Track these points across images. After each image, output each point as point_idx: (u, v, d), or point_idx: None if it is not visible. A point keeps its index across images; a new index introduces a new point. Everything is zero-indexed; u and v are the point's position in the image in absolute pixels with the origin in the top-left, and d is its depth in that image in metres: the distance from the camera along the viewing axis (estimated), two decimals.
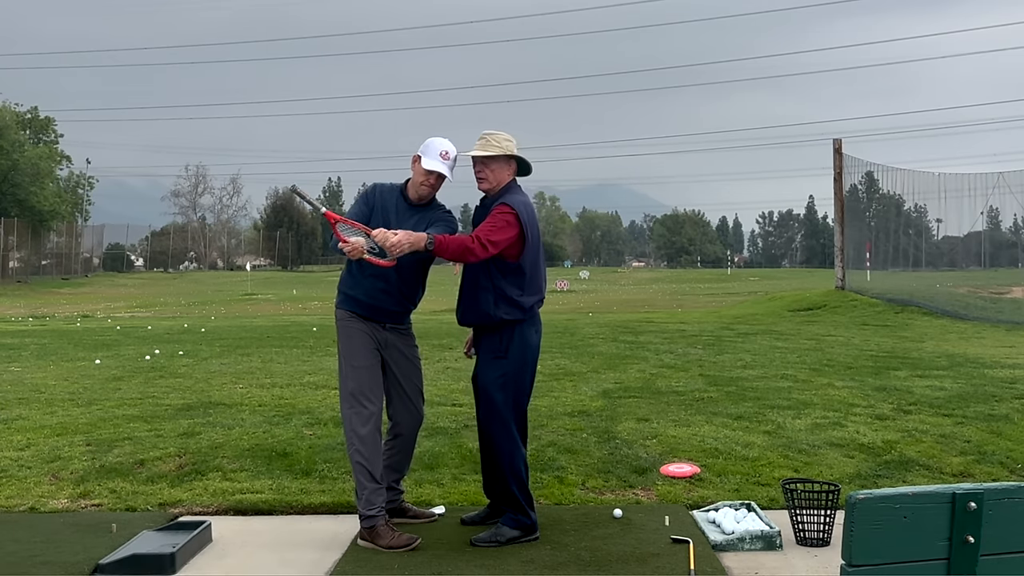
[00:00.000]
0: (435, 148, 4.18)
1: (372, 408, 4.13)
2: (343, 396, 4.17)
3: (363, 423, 4.09)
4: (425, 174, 4.17)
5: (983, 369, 8.85)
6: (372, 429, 4.11)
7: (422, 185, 4.20)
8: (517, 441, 4.14)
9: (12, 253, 46.19)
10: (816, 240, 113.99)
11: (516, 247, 4.07)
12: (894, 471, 5.14)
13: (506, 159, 4.17)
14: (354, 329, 4.21)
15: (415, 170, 4.22)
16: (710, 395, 7.39)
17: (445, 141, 4.21)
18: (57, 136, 54.50)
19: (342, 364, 4.21)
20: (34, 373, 9.37)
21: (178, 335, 14.10)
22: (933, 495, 1.97)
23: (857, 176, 20.12)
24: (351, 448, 4.12)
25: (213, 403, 7.26)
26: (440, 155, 4.15)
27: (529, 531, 4.13)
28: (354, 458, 4.10)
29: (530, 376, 4.22)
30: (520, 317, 4.11)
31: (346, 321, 4.23)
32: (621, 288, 42.25)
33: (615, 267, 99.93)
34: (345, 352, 4.19)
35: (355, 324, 4.21)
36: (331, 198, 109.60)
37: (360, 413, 4.10)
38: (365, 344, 4.19)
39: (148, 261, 74.17)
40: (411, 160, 4.25)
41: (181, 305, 27.72)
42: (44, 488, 5.01)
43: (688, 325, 14.67)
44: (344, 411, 4.16)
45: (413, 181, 4.25)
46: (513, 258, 4.08)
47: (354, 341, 4.20)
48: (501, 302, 4.08)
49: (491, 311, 4.09)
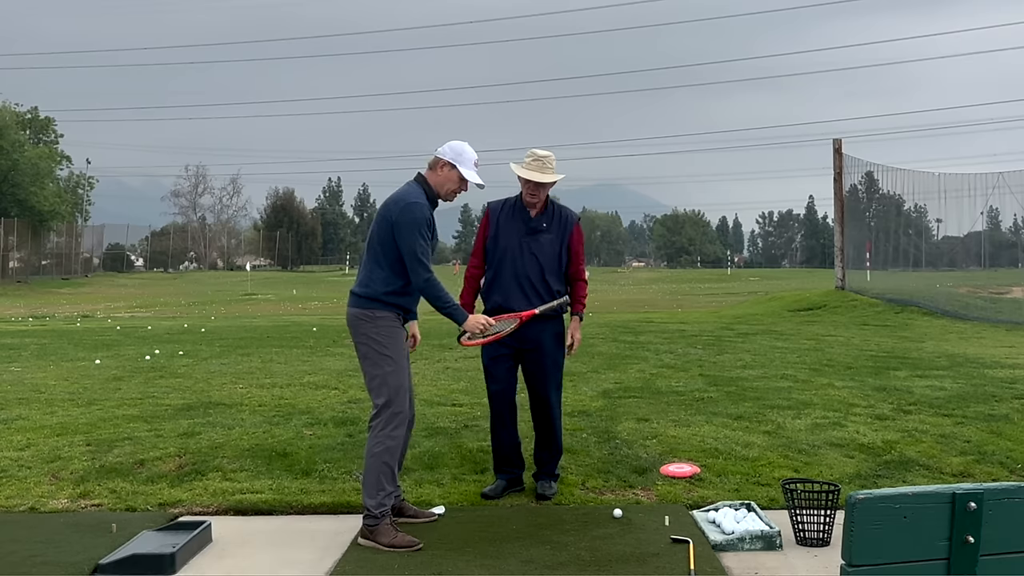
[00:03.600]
0: (470, 157, 4.30)
1: (408, 411, 4.21)
2: (387, 394, 4.12)
3: (399, 424, 4.13)
4: (460, 182, 4.27)
5: (983, 369, 8.85)
6: (404, 432, 4.18)
7: (451, 192, 4.32)
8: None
9: (12, 253, 46.14)
10: (816, 240, 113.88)
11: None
12: (894, 471, 5.14)
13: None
14: (399, 330, 4.26)
15: (448, 176, 4.27)
16: (710, 395, 7.39)
17: (472, 150, 4.33)
18: (57, 136, 54.48)
19: (384, 363, 4.14)
20: (34, 373, 9.37)
21: (178, 335, 14.09)
22: (933, 495, 1.97)
23: (857, 176, 20.13)
24: (380, 447, 4.09)
25: (213, 403, 7.26)
26: (475, 164, 4.32)
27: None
28: (382, 457, 4.08)
29: None
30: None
31: (392, 320, 4.22)
32: (621, 288, 42.23)
33: (615, 267, 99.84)
34: (391, 351, 4.16)
35: (399, 325, 4.26)
36: (331, 198, 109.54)
37: (398, 414, 4.13)
38: (405, 347, 4.30)
39: (148, 261, 74.11)
40: (438, 164, 4.27)
41: (181, 305, 27.71)
42: (44, 488, 5.01)
43: (688, 325, 14.67)
44: (384, 410, 4.12)
45: (443, 186, 4.29)
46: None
47: (399, 341, 4.24)
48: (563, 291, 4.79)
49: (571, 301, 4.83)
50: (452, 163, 4.24)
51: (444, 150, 4.29)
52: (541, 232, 4.72)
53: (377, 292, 4.19)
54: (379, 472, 4.08)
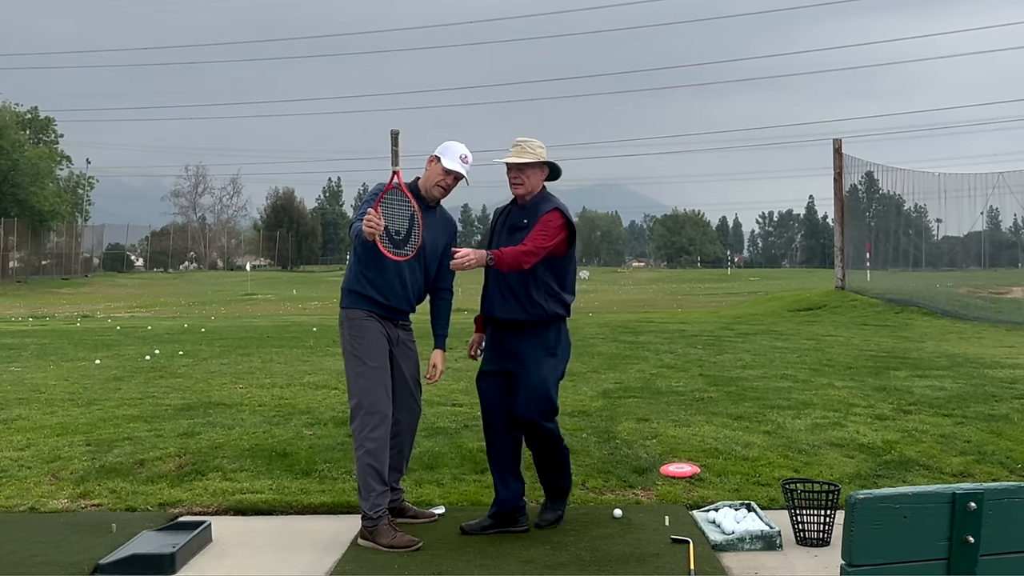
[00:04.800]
0: (455, 151, 4.25)
1: (385, 409, 4.13)
2: (356, 396, 4.12)
3: (376, 425, 4.08)
4: (444, 174, 4.22)
5: (983, 369, 8.85)
6: (384, 431, 4.11)
7: (437, 186, 4.26)
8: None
9: (12, 253, 46.12)
10: (816, 240, 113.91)
11: (562, 247, 4.24)
12: (894, 471, 5.14)
13: (540, 166, 4.24)
14: (369, 328, 4.17)
15: (432, 170, 4.26)
16: (710, 395, 7.39)
17: (463, 146, 4.28)
18: (57, 136, 54.50)
19: (353, 364, 4.15)
20: (34, 373, 9.37)
21: (178, 335, 14.09)
22: (933, 495, 1.97)
23: (857, 176, 20.15)
24: (361, 449, 4.08)
25: (213, 403, 7.26)
26: (460, 158, 4.23)
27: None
28: (364, 460, 4.07)
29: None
30: (564, 314, 4.27)
31: (362, 320, 4.18)
32: (621, 288, 42.24)
33: (615, 267, 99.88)
34: (359, 351, 4.14)
35: (371, 323, 4.18)
36: (331, 198, 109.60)
37: (373, 414, 4.08)
38: (380, 344, 4.18)
39: (148, 261, 74.11)
40: (427, 160, 4.28)
41: (181, 305, 27.71)
42: (44, 488, 5.01)
43: (688, 325, 14.66)
44: (356, 412, 4.12)
45: (428, 181, 4.27)
46: (560, 255, 4.23)
47: (369, 340, 4.16)
48: (550, 298, 4.21)
49: (545, 306, 4.19)
50: (437, 156, 4.25)
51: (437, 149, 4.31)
52: (520, 230, 4.22)
53: (348, 282, 4.25)
54: (366, 475, 4.07)
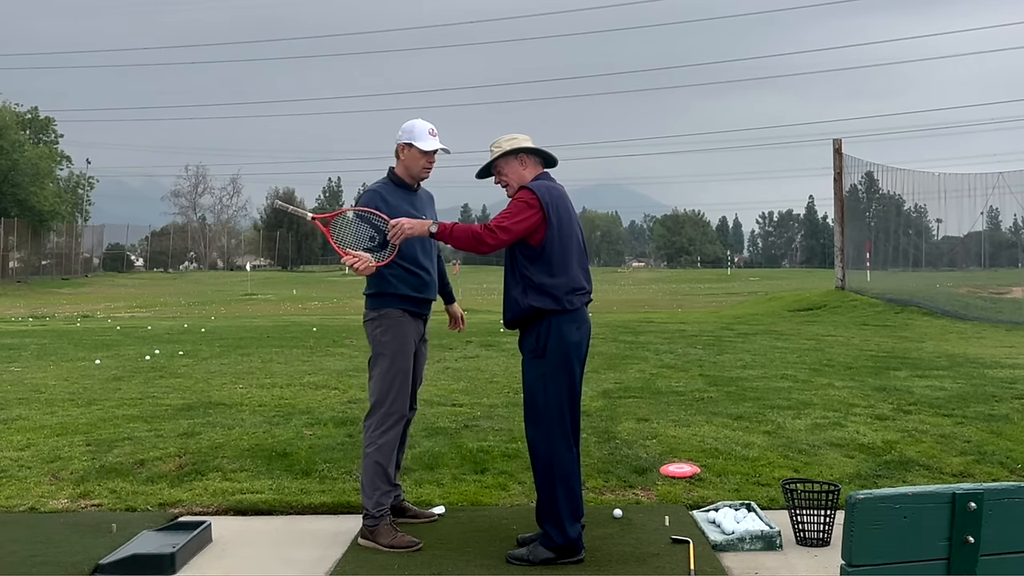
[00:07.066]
0: (423, 129, 4.21)
1: (404, 411, 4.17)
2: (377, 393, 4.12)
3: (392, 425, 4.11)
4: (424, 155, 4.20)
5: (983, 369, 8.85)
6: (397, 432, 4.15)
7: (424, 169, 4.24)
8: (560, 447, 3.81)
9: (12, 253, 46.14)
10: (816, 240, 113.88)
11: (540, 231, 3.81)
12: (894, 471, 5.14)
13: (513, 156, 4.00)
14: (408, 329, 4.17)
15: (410, 155, 4.22)
16: (710, 395, 7.39)
17: (424, 121, 4.25)
18: (57, 136, 54.54)
19: (382, 362, 4.13)
20: (34, 373, 9.37)
21: (178, 335, 14.09)
22: (933, 495, 1.96)
23: (857, 176, 20.13)
24: (372, 447, 4.08)
25: (213, 403, 7.26)
26: (429, 133, 4.21)
27: (565, 553, 3.78)
28: (373, 457, 4.07)
29: (576, 376, 3.87)
30: (553, 307, 3.78)
31: (399, 319, 4.15)
32: (621, 288, 42.23)
33: (615, 267, 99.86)
34: (395, 353, 4.12)
35: (407, 324, 4.17)
36: (331, 198, 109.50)
37: (392, 415, 4.11)
38: (410, 346, 4.19)
39: (148, 261, 74.12)
40: (398, 149, 4.24)
41: (181, 305, 27.71)
42: (44, 488, 5.01)
43: (688, 325, 14.66)
44: (376, 409, 4.12)
45: (409, 168, 4.24)
46: (537, 243, 3.81)
47: (407, 342, 4.16)
48: (530, 290, 3.80)
49: (520, 300, 3.83)
50: (408, 143, 4.21)
51: (399, 135, 4.25)
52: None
53: (369, 285, 4.23)
54: (373, 472, 4.08)
